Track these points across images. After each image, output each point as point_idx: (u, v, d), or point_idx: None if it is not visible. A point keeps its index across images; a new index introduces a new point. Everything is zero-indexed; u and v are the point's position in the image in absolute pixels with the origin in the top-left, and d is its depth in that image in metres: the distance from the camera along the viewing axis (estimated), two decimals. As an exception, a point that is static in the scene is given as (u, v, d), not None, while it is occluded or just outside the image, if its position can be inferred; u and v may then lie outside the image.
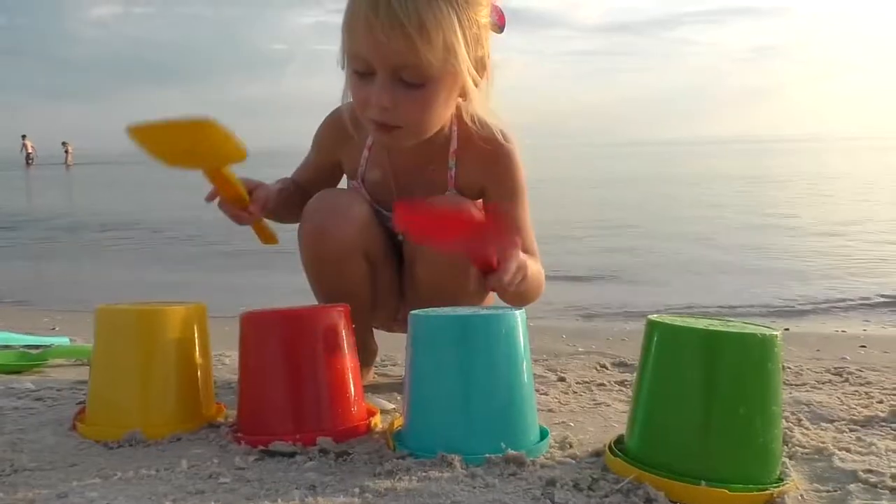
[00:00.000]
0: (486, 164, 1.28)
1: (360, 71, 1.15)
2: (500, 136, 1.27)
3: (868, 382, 1.44)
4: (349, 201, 1.29)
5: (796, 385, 1.42)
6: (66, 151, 27.04)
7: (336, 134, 1.36)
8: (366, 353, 1.40)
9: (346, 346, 1.07)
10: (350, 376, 1.07)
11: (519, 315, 0.99)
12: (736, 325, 0.94)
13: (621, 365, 1.65)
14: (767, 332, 0.89)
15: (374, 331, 1.46)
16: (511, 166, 1.29)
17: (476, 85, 1.19)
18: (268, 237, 1.30)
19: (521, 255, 1.10)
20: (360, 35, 1.11)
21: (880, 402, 1.28)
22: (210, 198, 1.20)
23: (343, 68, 1.19)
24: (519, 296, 1.17)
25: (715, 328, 0.90)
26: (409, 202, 1.16)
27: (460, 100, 1.23)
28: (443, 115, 1.22)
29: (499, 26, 1.23)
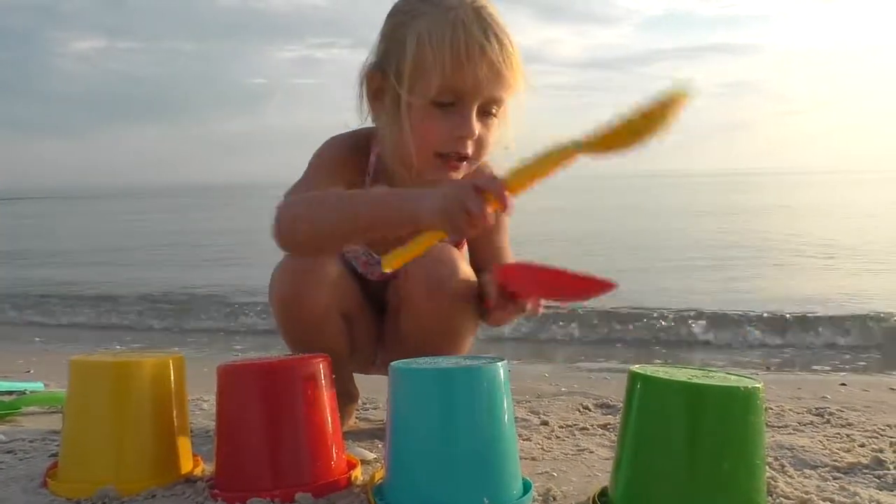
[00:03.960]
0: None
1: (444, 102, 1.12)
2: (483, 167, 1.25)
3: (849, 424, 1.45)
4: (318, 260, 1.24)
5: (778, 427, 1.42)
6: None
7: (346, 172, 1.26)
8: (347, 400, 1.38)
9: (325, 398, 1.05)
10: (330, 429, 1.05)
11: (501, 366, 0.98)
12: (717, 377, 0.93)
13: (604, 406, 1.64)
14: (750, 384, 0.89)
15: (355, 375, 1.44)
16: None
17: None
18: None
19: None
20: (468, 65, 1.09)
21: (862, 445, 1.28)
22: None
23: (406, 102, 1.13)
24: None
25: (697, 381, 0.89)
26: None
27: None
28: None
29: None
